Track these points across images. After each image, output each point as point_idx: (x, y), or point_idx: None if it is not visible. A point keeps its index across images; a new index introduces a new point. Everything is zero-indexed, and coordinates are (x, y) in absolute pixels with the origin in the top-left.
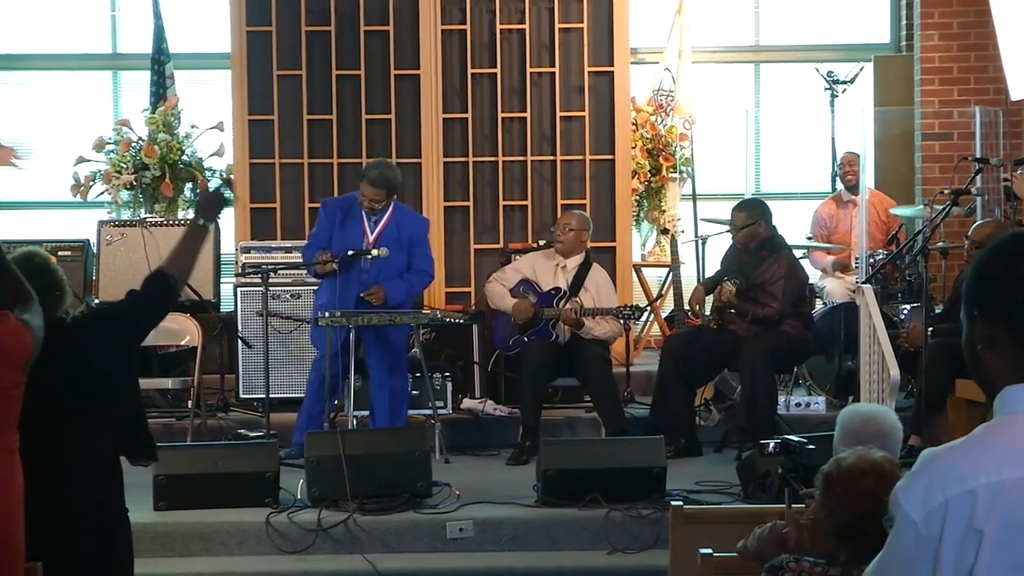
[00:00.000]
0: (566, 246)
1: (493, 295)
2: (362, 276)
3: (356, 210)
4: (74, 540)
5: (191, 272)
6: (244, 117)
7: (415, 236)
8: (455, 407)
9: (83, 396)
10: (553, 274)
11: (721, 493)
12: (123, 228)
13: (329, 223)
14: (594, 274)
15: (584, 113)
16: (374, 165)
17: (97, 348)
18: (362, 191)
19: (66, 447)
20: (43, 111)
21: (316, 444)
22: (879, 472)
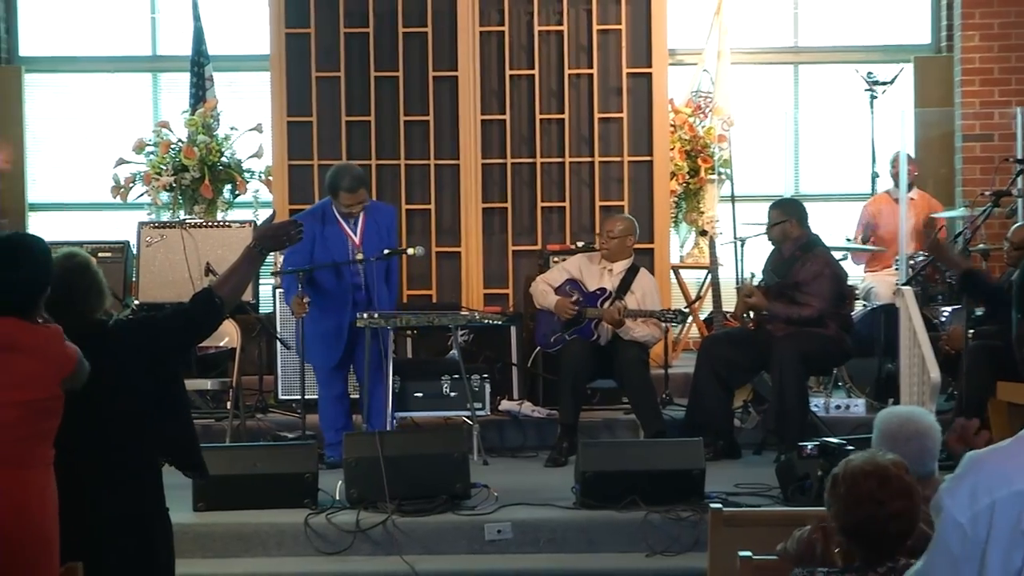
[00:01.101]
0: (612, 252)
1: (537, 293)
2: (355, 279)
3: (331, 216)
4: (112, 542)
5: (240, 296)
6: (283, 118)
7: (389, 225)
8: (493, 408)
9: (119, 401)
10: (599, 276)
11: (760, 495)
12: (163, 229)
13: (308, 238)
14: (641, 278)
15: (622, 115)
16: (339, 174)
17: (136, 355)
18: (341, 202)
19: (103, 449)
20: (83, 113)
21: (354, 445)
22: (882, 475)
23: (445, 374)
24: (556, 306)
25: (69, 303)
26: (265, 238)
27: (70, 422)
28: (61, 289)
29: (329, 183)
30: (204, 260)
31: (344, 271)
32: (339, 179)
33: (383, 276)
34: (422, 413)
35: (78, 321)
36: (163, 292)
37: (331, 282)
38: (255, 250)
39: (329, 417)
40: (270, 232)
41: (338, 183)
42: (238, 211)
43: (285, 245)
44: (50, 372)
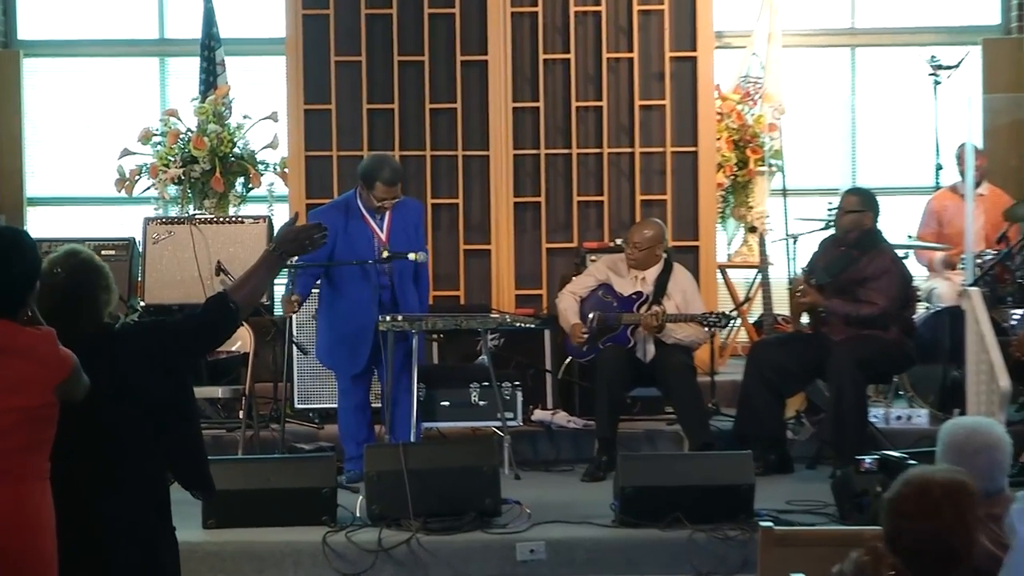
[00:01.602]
0: (639, 263)
1: (559, 309)
2: (382, 279)
3: (356, 210)
4: (116, 561)
5: (256, 302)
6: (300, 106)
7: (417, 222)
8: (525, 419)
9: (124, 410)
10: (631, 284)
11: (814, 513)
12: (171, 225)
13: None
14: (678, 277)
15: (665, 102)
16: (379, 163)
17: (143, 362)
18: (374, 195)
19: (106, 462)
20: (85, 100)
21: (376, 458)
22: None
23: (474, 381)
24: (570, 332)
25: (72, 305)
26: (286, 241)
27: (72, 432)
28: (63, 290)
29: (365, 172)
30: (215, 258)
31: (369, 270)
32: (378, 169)
33: (411, 276)
34: (449, 423)
35: (82, 325)
36: (171, 293)
37: (354, 282)
38: (274, 254)
39: (349, 428)
40: (291, 235)
41: (376, 173)
42: (251, 206)
43: (307, 250)
44: (45, 377)
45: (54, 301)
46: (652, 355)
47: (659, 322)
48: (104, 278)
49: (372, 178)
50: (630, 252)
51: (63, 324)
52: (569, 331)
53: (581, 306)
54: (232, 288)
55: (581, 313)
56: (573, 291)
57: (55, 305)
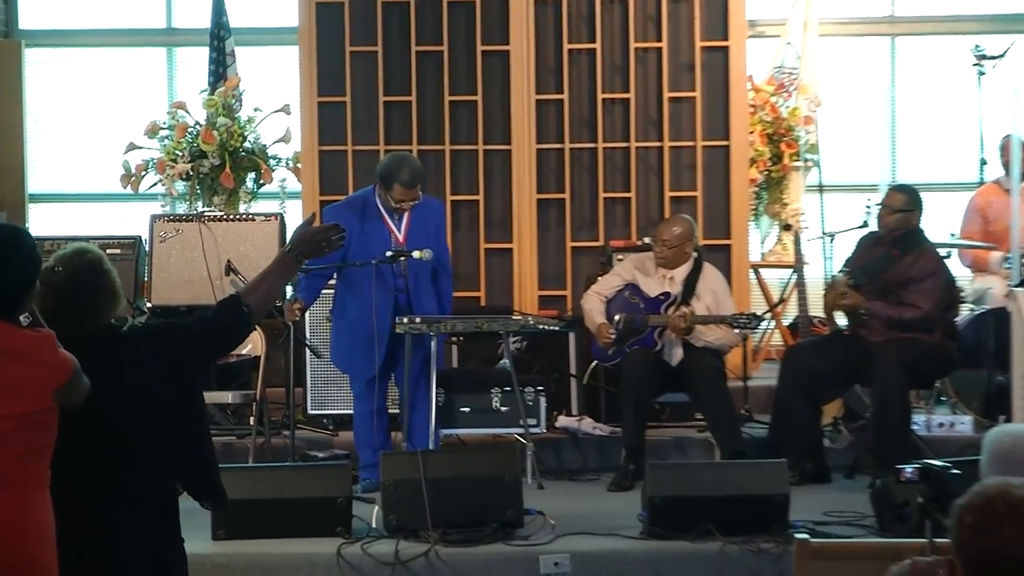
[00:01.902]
0: (668, 261)
1: (585, 310)
2: (397, 281)
3: (373, 208)
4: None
5: (270, 306)
6: (313, 99)
7: (438, 223)
8: (549, 425)
9: (129, 416)
10: (659, 284)
11: (852, 525)
12: (178, 223)
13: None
14: (707, 277)
15: (695, 93)
16: (398, 164)
17: (151, 367)
18: (392, 196)
19: (111, 470)
20: (89, 92)
21: (393, 466)
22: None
23: (495, 386)
24: (597, 333)
25: (79, 307)
26: (302, 243)
27: (75, 439)
28: (70, 291)
29: (383, 172)
30: (225, 257)
31: (384, 271)
32: (397, 170)
33: (428, 278)
34: (469, 430)
35: (88, 327)
36: (178, 293)
37: (370, 283)
38: (289, 256)
39: (365, 434)
40: (307, 236)
41: (395, 174)
42: (263, 203)
43: (324, 252)
44: (43, 381)
45: (52, 302)
46: (680, 358)
47: (687, 324)
48: (108, 280)
49: (390, 179)
50: (659, 250)
51: (64, 326)
52: (595, 332)
53: (607, 307)
54: (245, 291)
55: (607, 314)
56: (598, 291)
57: (53, 306)
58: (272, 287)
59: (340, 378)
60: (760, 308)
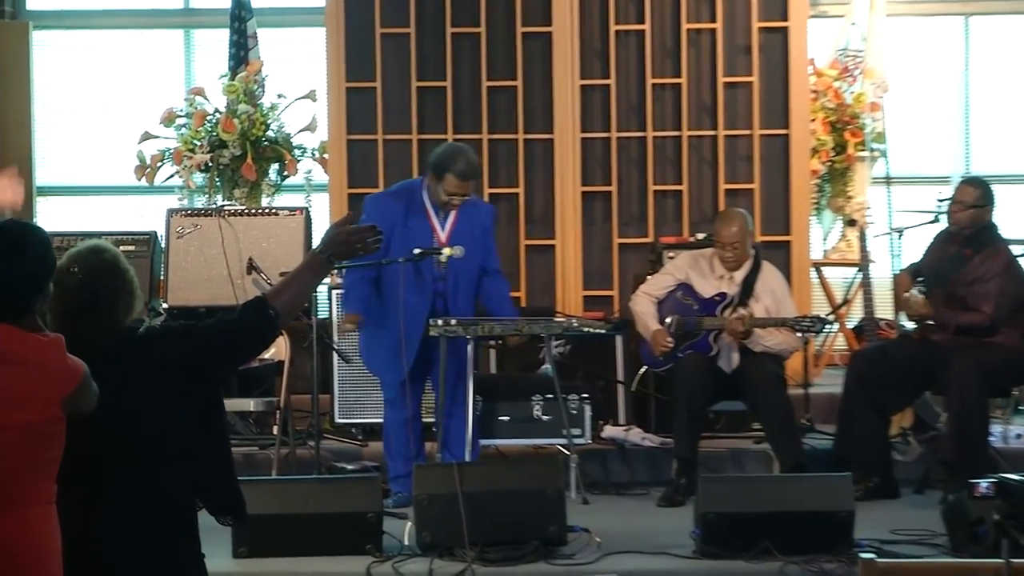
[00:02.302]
0: (738, 261)
1: (636, 313)
2: (436, 285)
3: (419, 203)
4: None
5: (298, 310)
6: (341, 84)
7: (487, 226)
8: (595, 435)
9: (145, 425)
10: (717, 278)
11: (922, 544)
12: (197, 218)
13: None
14: (767, 277)
15: (752, 78)
16: (454, 153)
17: (170, 372)
18: (443, 188)
19: (125, 485)
20: (102, 77)
21: (427, 479)
22: None
23: (537, 394)
24: (652, 339)
25: (98, 310)
26: (334, 243)
27: (85, 451)
28: (89, 293)
29: (437, 161)
30: (246, 255)
31: (425, 273)
32: (453, 160)
33: (469, 286)
34: (509, 441)
35: (106, 331)
36: (196, 293)
37: (407, 284)
38: (321, 256)
39: (397, 443)
40: (341, 236)
41: (450, 164)
42: (287, 196)
43: (358, 254)
44: (49, 389)
45: (68, 305)
46: (737, 364)
47: (745, 327)
48: (128, 282)
49: (444, 168)
50: (726, 255)
51: (81, 330)
52: (650, 339)
53: (657, 309)
54: (271, 292)
55: (660, 319)
56: (648, 292)
57: (69, 310)
58: (301, 290)
59: (370, 385)
60: (823, 310)
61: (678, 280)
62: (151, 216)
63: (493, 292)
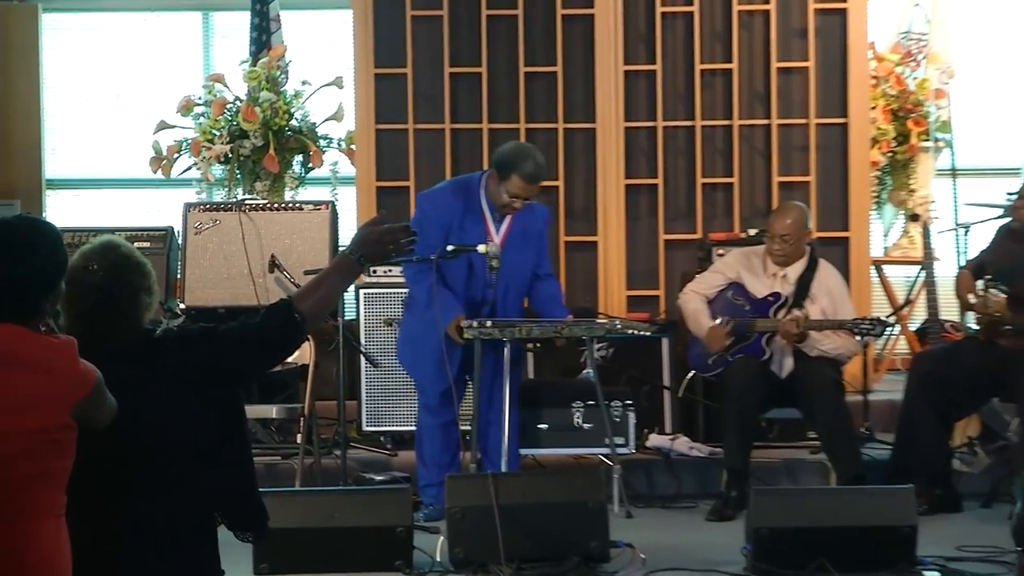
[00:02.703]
0: (789, 257)
1: (687, 312)
2: (487, 292)
3: (476, 202)
4: None
5: (326, 314)
6: (369, 70)
7: (542, 231)
8: (639, 445)
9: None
10: (769, 281)
11: (990, 561)
12: (216, 212)
13: (440, 224)
14: (823, 276)
15: (808, 63)
16: (523, 153)
17: (189, 377)
18: (506, 189)
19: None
20: (114, 63)
21: (461, 491)
22: None
23: (577, 400)
24: (707, 336)
25: (119, 309)
26: (366, 244)
27: (99, 461)
28: (106, 290)
29: (503, 160)
30: (268, 252)
31: (479, 275)
32: (521, 159)
33: (520, 294)
34: (547, 450)
35: (124, 332)
36: (215, 293)
37: (460, 284)
38: (351, 258)
39: (432, 450)
40: (373, 237)
41: (517, 164)
42: (312, 189)
43: (391, 256)
44: (60, 394)
45: (87, 305)
46: (791, 369)
47: (800, 329)
48: (147, 277)
49: (510, 168)
50: (777, 248)
51: (100, 331)
52: (704, 337)
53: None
54: (298, 295)
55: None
56: (697, 291)
57: (88, 310)
58: (329, 293)
59: (400, 390)
60: (883, 311)
61: (729, 279)
62: (167, 211)
63: (543, 292)
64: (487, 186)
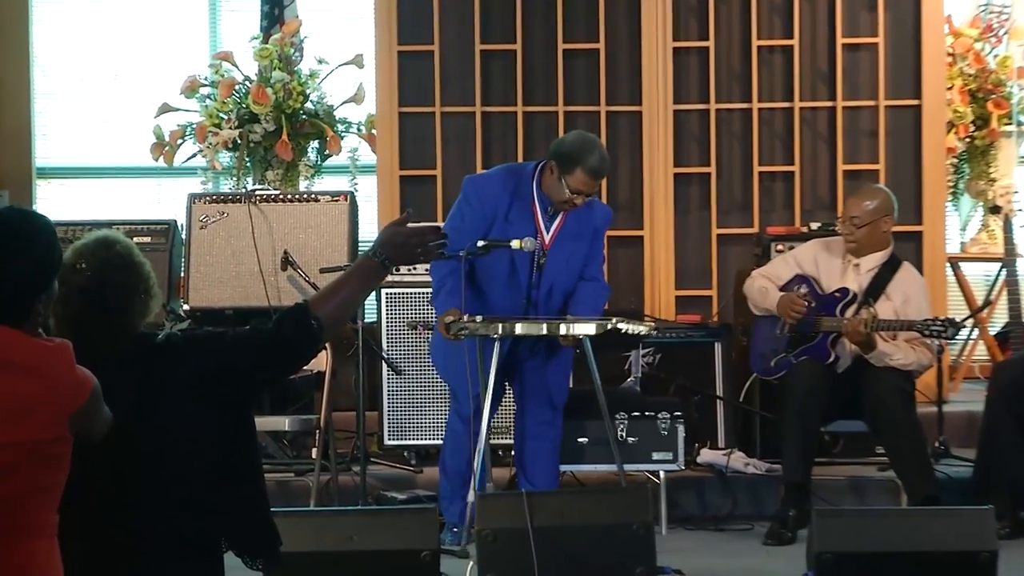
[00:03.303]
0: (860, 243)
1: (754, 291)
2: (532, 292)
3: (527, 194)
4: None
5: (345, 321)
6: (392, 48)
7: (599, 230)
8: (689, 461)
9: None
10: (841, 272)
11: None
12: (223, 204)
13: (484, 214)
14: (904, 278)
15: (877, 39)
16: (589, 145)
17: (192, 386)
18: (568, 183)
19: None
20: (112, 40)
21: (492, 511)
22: None
23: (621, 411)
24: (779, 306)
25: (109, 312)
26: (391, 246)
27: (96, 478)
28: (98, 293)
29: (567, 151)
30: (281, 248)
31: (521, 273)
32: (587, 152)
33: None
34: (588, 467)
35: (118, 337)
36: (222, 293)
37: (499, 290)
38: (374, 260)
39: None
40: (399, 238)
41: (583, 157)
42: (329, 179)
43: (418, 259)
44: (55, 402)
45: (74, 308)
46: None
47: (867, 330)
48: (144, 279)
49: (574, 161)
50: (846, 231)
51: (90, 336)
52: (777, 308)
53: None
54: (315, 299)
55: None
56: (767, 276)
57: (77, 312)
58: (349, 298)
59: (424, 400)
60: (960, 312)
61: (801, 271)
62: (169, 203)
63: (578, 294)
64: (541, 179)
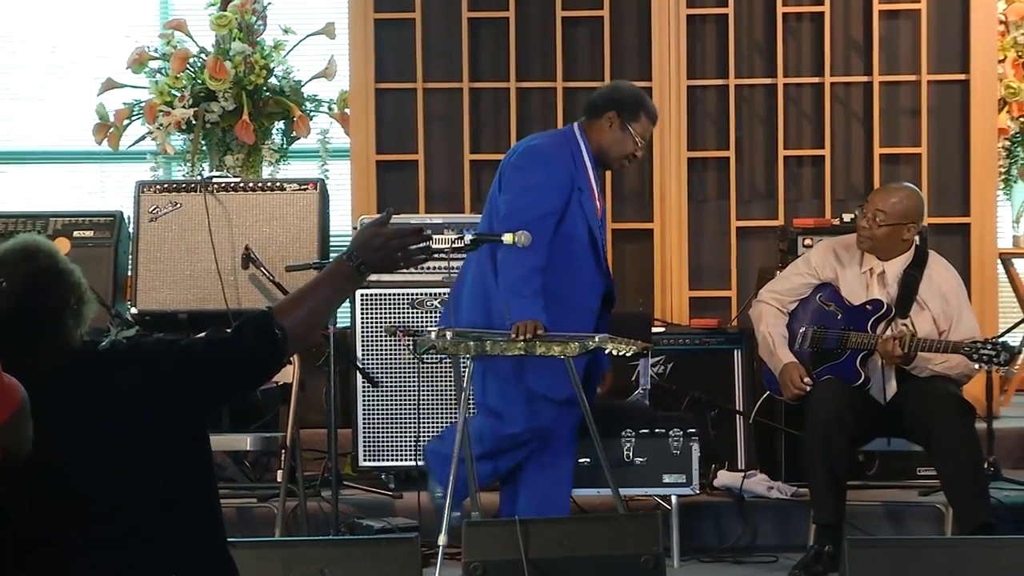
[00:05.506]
0: (875, 243)
1: (757, 332)
2: (607, 281)
3: (582, 163)
4: None
5: (315, 332)
6: (368, 16)
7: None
8: (705, 484)
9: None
10: (865, 283)
11: None
12: (176, 193)
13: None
14: (935, 275)
15: (919, 5)
16: (638, 90)
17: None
18: (635, 131)
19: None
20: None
21: (482, 541)
22: None
23: (627, 428)
24: (780, 375)
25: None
26: (368, 249)
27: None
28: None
29: (627, 98)
30: (242, 243)
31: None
32: (643, 95)
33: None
34: (591, 491)
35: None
36: (175, 294)
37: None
38: (350, 265)
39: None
40: (378, 241)
41: (644, 100)
42: (296, 164)
43: (398, 266)
44: None
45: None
46: (894, 392)
47: (905, 351)
48: (74, 289)
49: (639, 106)
50: (863, 225)
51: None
52: (779, 376)
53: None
54: (280, 307)
55: (790, 328)
56: (776, 293)
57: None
58: (320, 306)
59: (404, 417)
60: (1012, 315)
61: (817, 280)
62: (115, 192)
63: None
64: (588, 136)
